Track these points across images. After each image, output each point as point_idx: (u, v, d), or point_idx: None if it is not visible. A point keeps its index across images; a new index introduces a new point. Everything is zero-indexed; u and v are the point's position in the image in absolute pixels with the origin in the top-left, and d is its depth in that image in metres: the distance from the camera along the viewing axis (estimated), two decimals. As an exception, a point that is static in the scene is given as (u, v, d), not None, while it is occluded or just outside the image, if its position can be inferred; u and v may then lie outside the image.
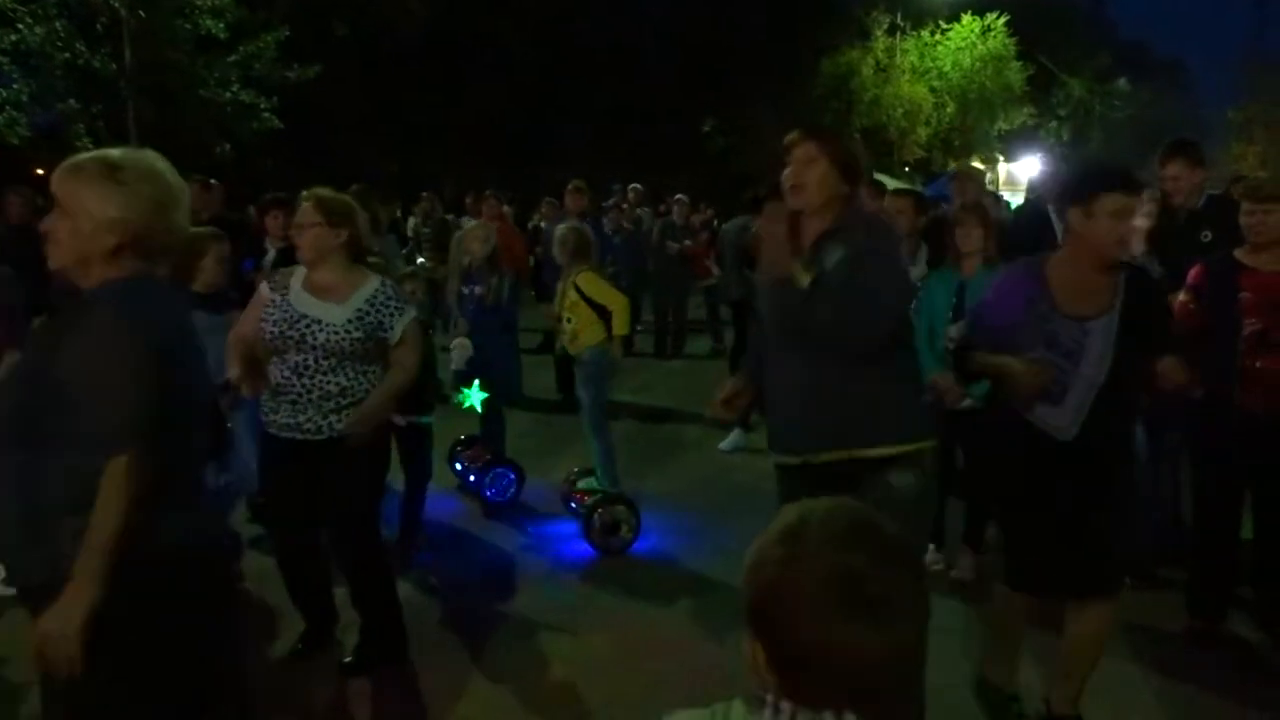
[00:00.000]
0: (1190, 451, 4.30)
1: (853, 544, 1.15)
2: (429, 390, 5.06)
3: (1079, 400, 3.06)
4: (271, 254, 6.23)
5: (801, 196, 2.90)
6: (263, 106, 18.63)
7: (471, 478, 6.02)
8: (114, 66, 17.10)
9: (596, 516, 5.15)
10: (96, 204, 2.07)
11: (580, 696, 3.71)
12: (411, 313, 3.79)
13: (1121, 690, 3.68)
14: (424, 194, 10.72)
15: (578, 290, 5.54)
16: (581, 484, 5.62)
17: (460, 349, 6.00)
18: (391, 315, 3.70)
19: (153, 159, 2.17)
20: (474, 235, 6.33)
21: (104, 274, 2.09)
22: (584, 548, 5.17)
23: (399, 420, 4.65)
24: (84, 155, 2.15)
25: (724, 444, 7.21)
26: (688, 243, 12.06)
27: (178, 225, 2.17)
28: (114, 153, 2.15)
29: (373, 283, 3.73)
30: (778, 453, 3.08)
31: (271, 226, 6.45)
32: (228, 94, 18.35)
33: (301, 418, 3.62)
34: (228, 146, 18.46)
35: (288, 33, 18.47)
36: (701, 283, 12.19)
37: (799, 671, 1.16)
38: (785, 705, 1.18)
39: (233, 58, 18.25)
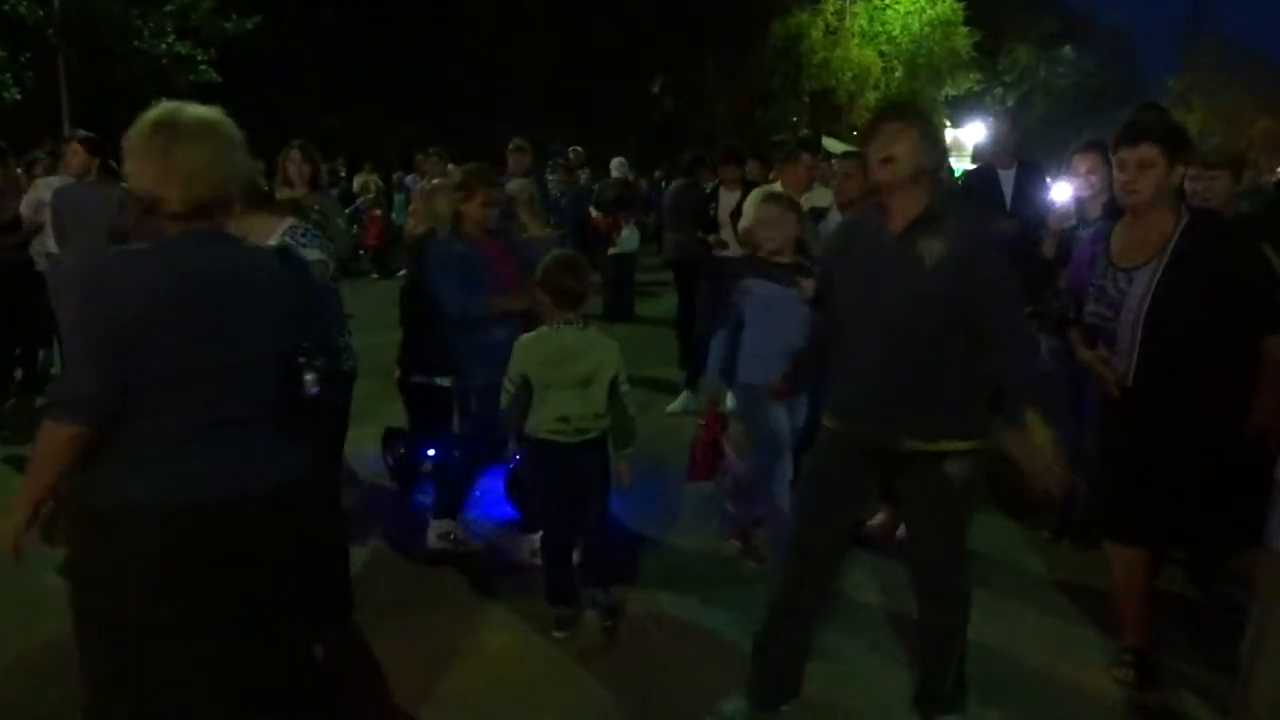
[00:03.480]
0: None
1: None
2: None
3: (1125, 344, 3.24)
4: None
5: (889, 170, 2.84)
6: (199, 59, 18.07)
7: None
8: (41, 13, 16.45)
9: None
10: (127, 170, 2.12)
11: (526, 656, 3.72)
12: (314, 254, 3.41)
13: (1057, 644, 3.77)
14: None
15: None
16: None
17: None
18: None
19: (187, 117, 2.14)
20: (441, 195, 6.16)
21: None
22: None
23: (415, 378, 4.97)
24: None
25: (672, 406, 7.21)
26: (597, 213, 11.52)
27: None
28: (148, 114, 2.15)
29: (280, 229, 3.47)
30: (841, 425, 3.05)
31: None
32: (163, 45, 17.76)
33: None
34: (163, 100, 17.86)
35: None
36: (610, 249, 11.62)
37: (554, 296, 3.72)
38: (557, 316, 3.73)
39: (168, 8, 17.66)
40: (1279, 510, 2.32)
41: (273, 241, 3.41)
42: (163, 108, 2.15)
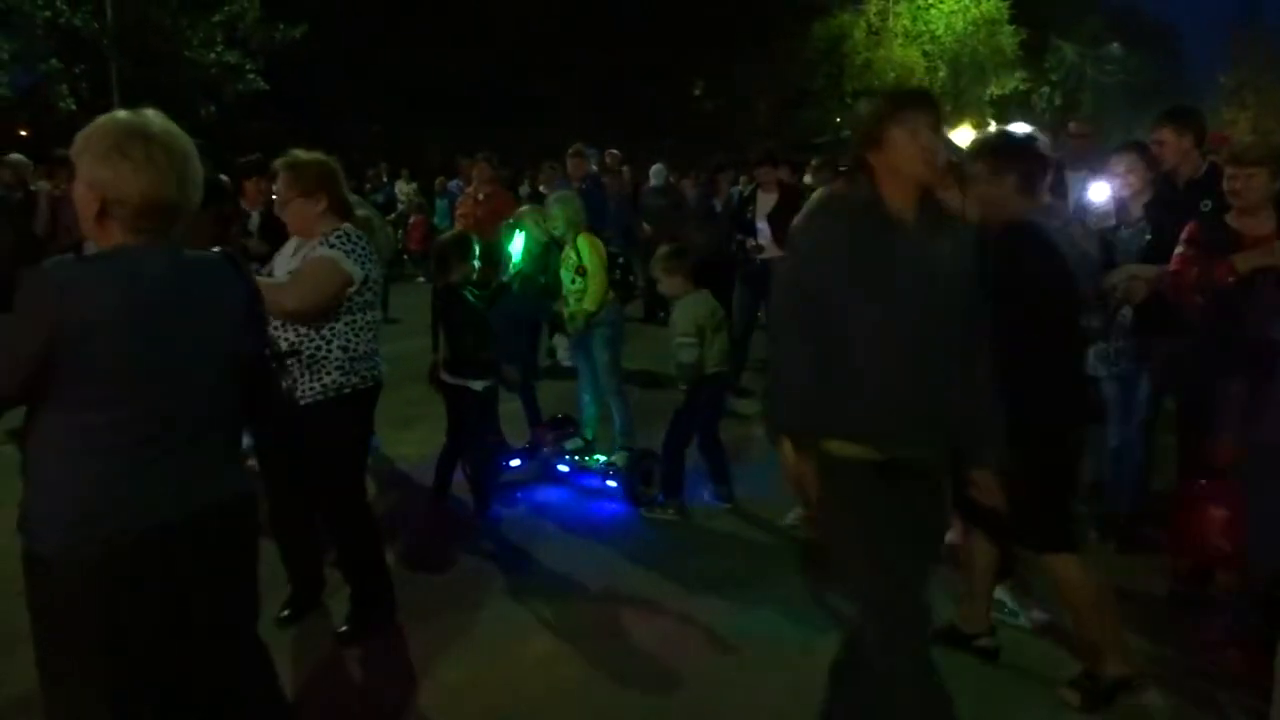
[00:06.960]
0: (1180, 415, 4.38)
1: None
2: (481, 356, 5.07)
3: None
4: (255, 218, 6.17)
5: None
6: (248, 68, 18.39)
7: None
8: (96, 25, 16.84)
9: (636, 473, 5.33)
10: (86, 171, 2.05)
11: (567, 661, 3.72)
12: (323, 252, 3.51)
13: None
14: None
15: (577, 253, 5.68)
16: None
17: None
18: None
19: (156, 125, 2.09)
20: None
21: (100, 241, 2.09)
22: (578, 508, 5.31)
23: (445, 379, 5.01)
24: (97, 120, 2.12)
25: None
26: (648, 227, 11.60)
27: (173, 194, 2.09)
28: (118, 116, 2.10)
29: (320, 235, 3.58)
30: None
31: (250, 191, 6.37)
32: (212, 55, 18.11)
33: None
34: (213, 108, 18.23)
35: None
36: None
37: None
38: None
39: (217, 18, 17.99)
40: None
41: (304, 254, 3.56)
42: (128, 113, 2.10)
